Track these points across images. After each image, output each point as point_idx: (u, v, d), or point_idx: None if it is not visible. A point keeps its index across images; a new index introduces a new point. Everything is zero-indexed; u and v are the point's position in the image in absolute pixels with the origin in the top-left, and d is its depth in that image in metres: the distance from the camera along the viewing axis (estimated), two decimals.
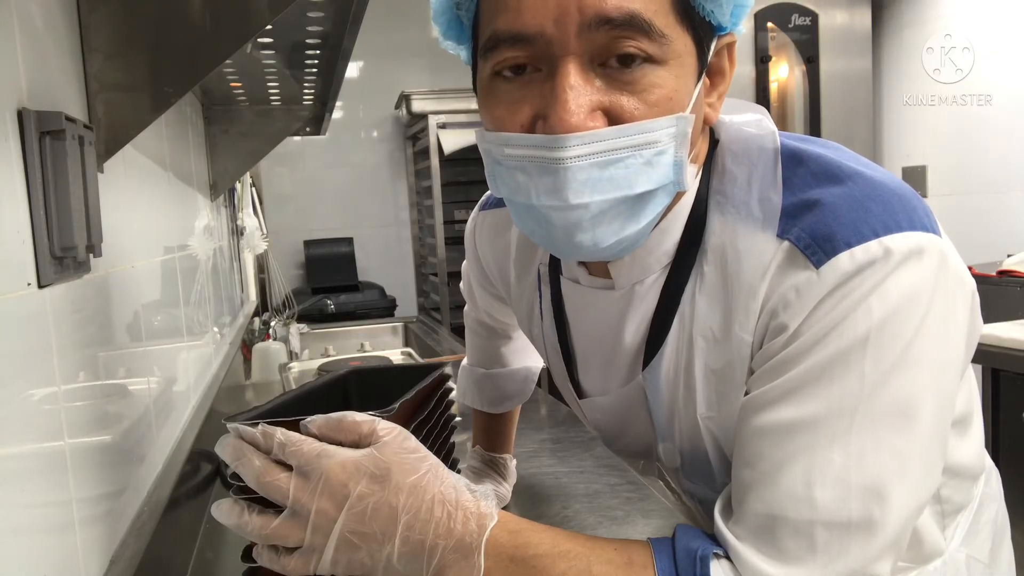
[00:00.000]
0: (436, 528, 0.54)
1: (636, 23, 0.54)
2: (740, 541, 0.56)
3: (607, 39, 0.54)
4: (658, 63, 0.55)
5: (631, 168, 0.56)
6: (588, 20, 0.53)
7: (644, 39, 0.54)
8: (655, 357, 0.68)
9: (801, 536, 0.54)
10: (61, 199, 0.58)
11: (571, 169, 0.55)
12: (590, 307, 0.73)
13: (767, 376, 0.58)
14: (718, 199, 0.64)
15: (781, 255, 0.58)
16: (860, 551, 0.54)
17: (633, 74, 0.55)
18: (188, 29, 0.72)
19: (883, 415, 0.55)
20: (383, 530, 0.54)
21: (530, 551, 0.56)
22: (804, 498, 0.54)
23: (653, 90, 0.56)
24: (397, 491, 0.54)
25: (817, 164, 0.61)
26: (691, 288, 0.65)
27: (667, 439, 0.72)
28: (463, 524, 0.55)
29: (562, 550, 0.56)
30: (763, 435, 0.57)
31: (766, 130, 0.65)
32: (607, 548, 0.57)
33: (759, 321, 0.60)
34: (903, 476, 0.55)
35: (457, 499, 0.55)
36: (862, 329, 0.54)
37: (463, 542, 0.54)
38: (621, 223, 0.58)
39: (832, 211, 0.57)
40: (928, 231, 0.56)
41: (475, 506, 0.56)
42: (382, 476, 0.54)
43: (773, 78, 3.40)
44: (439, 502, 0.55)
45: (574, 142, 0.54)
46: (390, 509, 0.54)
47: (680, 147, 0.58)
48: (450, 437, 0.79)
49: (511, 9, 0.55)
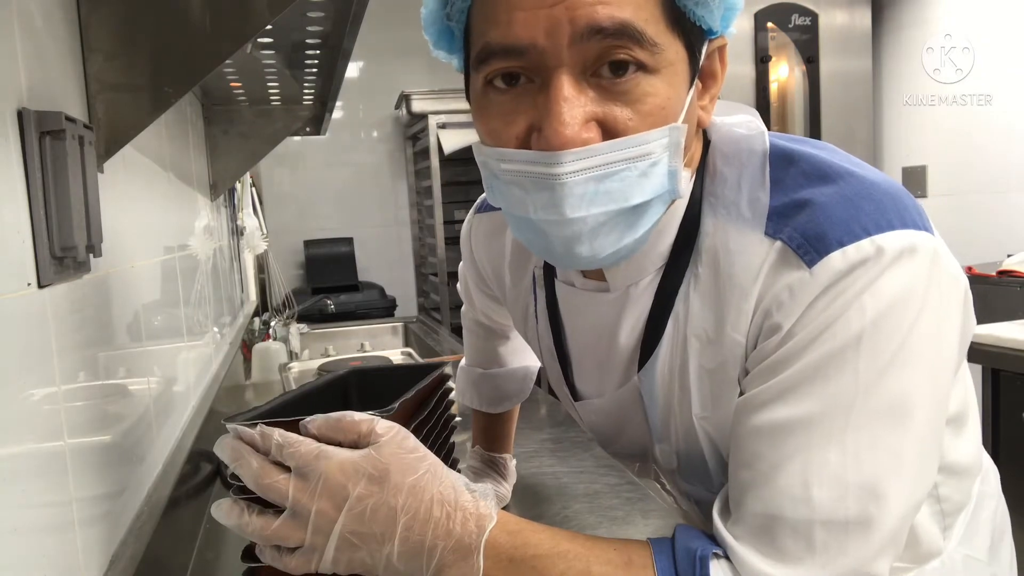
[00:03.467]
0: (435, 529, 0.54)
1: (628, 32, 0.53)
2: (739, 541, 0.56)
3: (599, 49, 0.54)
4: (651, 72, 0.55)
5: (626, 181, 0.56)
6: (580, 31, 0.53)
7: (636, 47, 0.54)
8: (650, 359, 0.68)
9: (799, 536, 0.54)
10: (61, 199, 0.58)
11: (567, 184, 0.55)
12: (585, 309, 0.73)
13: (762, 376, 0.58)
14: (710, 200, 0.64)
15: (774, 255, 0.58)
16: (858, 550, 0.54)
17: (626, 84, 0.55)
18: (188, 29, 0.72)
19: (878, 413, 0.55)
20: (382, 530, 0.54)
21: (529, 551, 0.56)
22: (802, 498, 0.54)
23: (646, 99, 0.56)
24: (396, 491, 0.54)
25: (808, 164, 0.61)
26: (685, 289, 0.65)
27: (663, 440, 0.72)
28: (462, 525, 0.55)
29: (561, 550, 0.56)
30: (759, 435, 0.58)
31: (755, 130, 0.65)
32: (607, 548, 0.57)
33: (753, 321, 0.60)
34: (899, 474, 0.55)
35: (456, 499, 0.55)
36: (856, 328, 0.54)
37: (462, 543, 0.54)
38: (619, 234, 0.58)
39: (824, 210, 0.57)
40: (920, 229, 0.57)
41: (474, 506, 0.56)
42: (380, 477, 0.54)
43: (773, 78, 3.40)
44: (438, 502, 0.55)
45: (569, 158, 0.54)
46: (389, 510, 0.54)
47: (674, 157, 0.58)
48: (450, 437, 0.79)
49: (502, 23, 0.55)
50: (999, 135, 3.15)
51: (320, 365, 2.14)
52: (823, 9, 3.39)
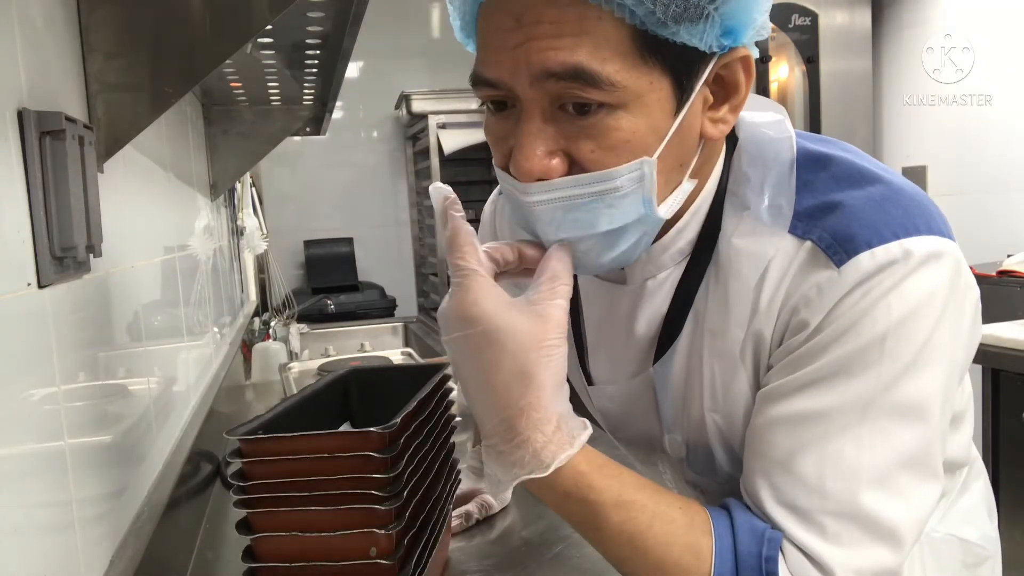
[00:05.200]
0: (550, 402, 0.56)
1: (580, 75, 0.54)
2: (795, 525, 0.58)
3: (556, 89, 0.55)
4: (615, 107, 0.55)
5: (594, 211, 0.58)
6: (536, 73, 0.55)
7: (591, 89, 0.54)
8: (667, 353, 0.69)
9: (813, 525, 0.57)
10: (61, 199, 0.58)
11: (536, 212, 0.58)
12: (602, 299, 0.75)
13: (786, 369, 0.60)
14: (732, 200, 0.65)
15: (803, 255, 0.60)
16: (871, 544, 0.56)
17: (589, 120, 0.56)
18: (188, 29, 0.72)
19: (895, 411, 0.57)
20: (488, 363, 0.56)
21: (592, 495, 0.57)
22: (815, 488, 0.57)
23: (610, 134, 0.56)
24: (517, 351, 0.55)
25: (840, 168, 0.63)
26: (705, 286, 0.66)
27: (673, 431, 0.74)
28: (567, 431, 0.56)
29: (625, 500, 0.58)
30: (777, 425, 0.59)
31: (784, 134, 0.66)
32: (672, 505, 0.59)
33: (779, 318, 0.61)
34: (911, 470, 0.57)
35: (559, 411, 0.57)
36: (882, 327, 0.56)
37: (550, 443, 0.56)
38: (598, 252, 0.61)
39: (853, 213, 0.59)
40: (945, 236, 0.58)
41: (568, 426, 0.57)
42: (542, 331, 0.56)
43: (773, 78, 3.40)
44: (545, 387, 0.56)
45: (534, 190, 0.57)
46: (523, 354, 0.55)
47: (646, 188, 0.58)
48: (450, 437, 0.79)
49: (481, 59, 0.59)
50: (999, 135, 3.14)
51: (320, 365, 2.13)
52: (823, 9, 3.38)
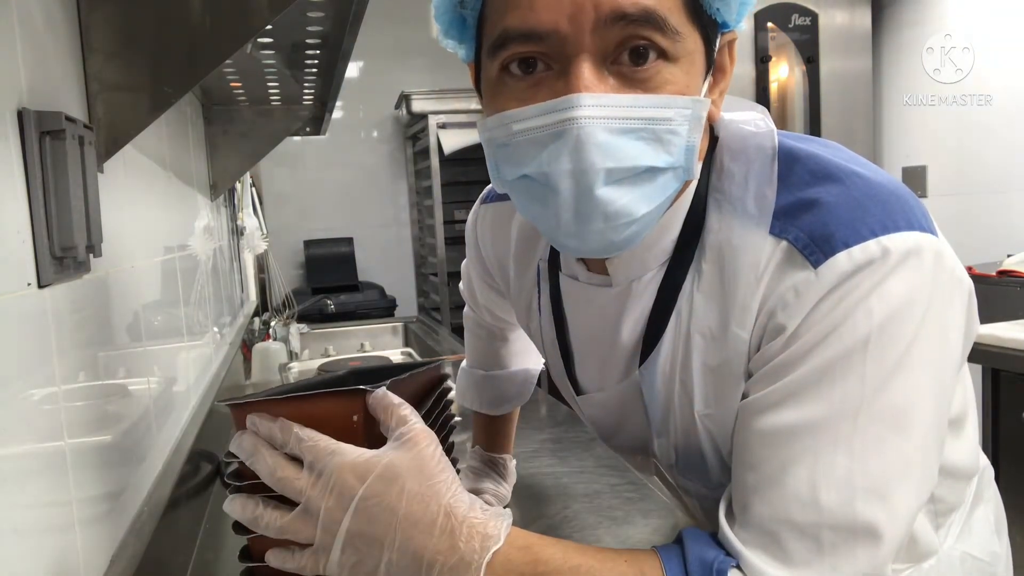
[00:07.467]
0: (437, 542, 0.53)
1: (651, 19, 0.54)
2: (747, 547, 0.56)
3: (622, 35, 0.54)
4: (671, 60, 0.56)
5: (643, 140, 0.55)
6: (603, 16, 0.53)
7: (658, 35, 0.54)
8: (651, 354, 0.68)
9: (808, 539, 0.54)
10: (61, 199, 0.58)
11: (584, 128, 0.53)
12: (588, 303, 0.73)
13: (767, 379, 0.58)
14: (716, 196, 0.64)
15: (779, 255, 0.58)
16: (866, 553, 0.54)
17: (647, 71, 0.55)
18: (188, 29, 0.72)
19: (885, 417, 0.55)
20: (383, 535, 0.53)
21: (540, 568, 0.55)
22: (810, 501, 0.54)
23: (666, 87, 0.56)
24: (400, 495, 0.53)
25: (815, 163, 0.61)
26: (689, 285, 0.65)
27: (662, 435, 0.72)
28: (466, 541, 0.53)
29: (572, 565, 0.55)
30: (765, 438, 0.57)
31: (764, 129, 0.65)
32: (618, 561, 0.57)
33: (757, 321, 0.60)
34: (906, 477, 0.55)
35: (465, 514, 0.54)
36: (863, 331, 0.54)
37: (464, 560, 0.53)
38: (631, 199, 0.56)
39: (830, 211, 0.57)
40: (925, 231, 0.56)
41: (483, 525, 0.54)
42: (390, 478, 0.53)
43: (773, 78, 3.40)
44: (445, 514, 0.53)
45: (588, 101, 0.53)
46: (391, 514, 0.53)
47: (693, 131, 0.57)
48: (449, 437, 0.79)
49: (523, 6, 0.55)
50: (999, 135, 3.14)
51: (320, 365, 2.14)
52: (823, 9, 3.38)
